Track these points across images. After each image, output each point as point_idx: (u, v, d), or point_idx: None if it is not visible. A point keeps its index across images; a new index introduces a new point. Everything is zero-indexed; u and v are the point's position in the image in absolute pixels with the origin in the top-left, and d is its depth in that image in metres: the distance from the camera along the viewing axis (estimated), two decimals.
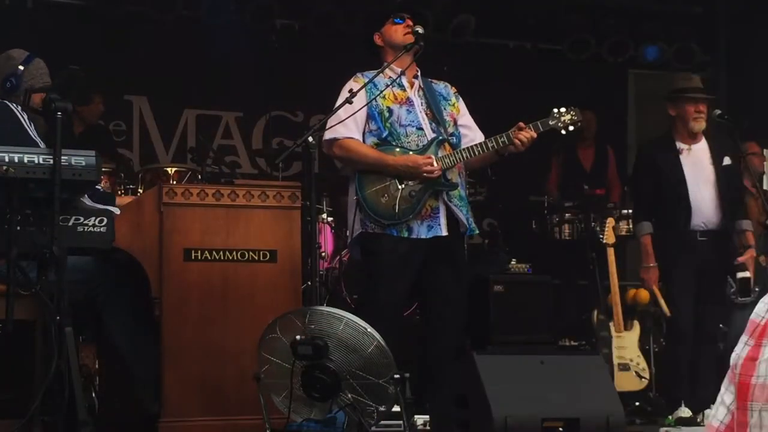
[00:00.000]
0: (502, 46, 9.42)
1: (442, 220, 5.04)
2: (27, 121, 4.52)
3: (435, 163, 4.95)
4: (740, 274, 5.92)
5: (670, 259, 5.89)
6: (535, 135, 5.00)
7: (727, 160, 5.96)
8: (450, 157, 5.03)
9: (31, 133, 4.48)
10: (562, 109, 5.09)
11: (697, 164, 5.94)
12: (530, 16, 9.26)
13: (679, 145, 5.96)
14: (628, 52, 9.50)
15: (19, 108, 4.56)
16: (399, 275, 4.98)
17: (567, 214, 7.90)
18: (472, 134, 5.26)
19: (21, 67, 4.62)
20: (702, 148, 5.98)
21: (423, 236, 4.99)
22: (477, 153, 5.04)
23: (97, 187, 4.40)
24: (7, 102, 4.57)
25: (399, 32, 5.10)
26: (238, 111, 8.84)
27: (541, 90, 8.87)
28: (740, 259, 5.93)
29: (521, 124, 5.01)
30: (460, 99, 5.31)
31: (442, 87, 5.29)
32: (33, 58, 4.67)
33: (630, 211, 7.39)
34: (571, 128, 5.10)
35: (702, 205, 5.85)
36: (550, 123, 5.08)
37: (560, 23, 9.37)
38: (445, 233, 5.03)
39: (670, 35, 9.54)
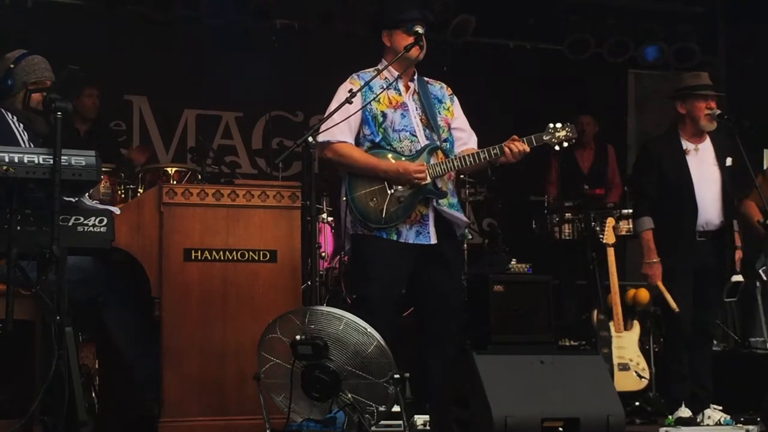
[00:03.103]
0: (502, 46, 9.43)
1: (431, 228, 5.05)
2: (21, 131, 4.53)
3: (426, 172, 4.96)
4: (734, 278, 5.94)
5: (670, 259, 5.88)
6: (528, 149, 5.02)
7: (729, 161, 5.96)
8: (442, 165, 5.05)
9: (22, 143, 4.49)
10: (558, 125, 5.10)
11: (703, 164, 5.91)
12: (530, 16, 9.26)
13: (686, 144, 5.94)
14: (628, 52, 9.51)
15: (15, 119, 4.57)
16: (389, 276, 5.00)
17: (567, 214, 7.89)
18: (465, 137, 5.27)
19: (12, 66, 4.63)
20: (707, 147, 5.96)
21: (411, 241, 5.02)
22: (469, 163, 5.06)
23: (93, 202, 4.42)
24: (3, 110, 4.58)
25: (407, 43, 5.08)
26: (238, 111, 8.84)
27: (541, 90, 8.89)
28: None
29: (515, 137, 5.02)
30: (455, 100, 5.31)
31: (437, 88, 5.29)
32: (26, 56, 4.68)
33: (630, 210, 7.39)
34: (565, 144, 5.11)
35: (705, 205, 5.84)
36: (544, 138, 5.09)
37: (560, 23, 9.38)
38: (433, 241, 5.05)
39: (670, 35, 9.55)
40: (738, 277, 5.93)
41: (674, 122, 6.03)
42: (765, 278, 6.93)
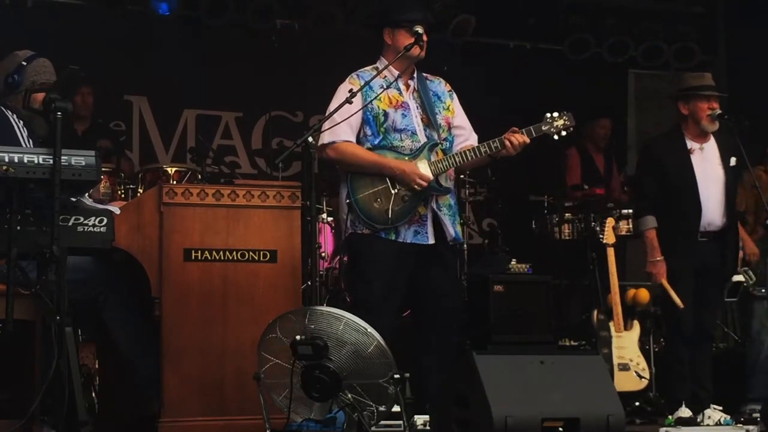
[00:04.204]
0: (502, 46, 9.43)
1: (429, 228, 5.07)
2: (21, 128, 4.54)
3: (426, 180, 4.97)
4: (735, 278, 5.93)
5: (672, 259, 5.88)
6: (528, 140, 5.03)
7: (733, 161, 5.95)
8: (443, 161, 5.05)
9: (22, 140, 4.49)
10: (555, 114, 5.10)
11: (707, 164, 5.90)
12: (530, 16, 9.26)
13: (690, 144, 5.93)
14: (628, 52, 9.51)
15: (15, 116, 4.58)
16: (389, 276, 5.01)
17: (567, 214, 7.89)
18: (466, 134, 5.27)
19: (24, 63, 4.64)
20: (711, 147, 5.96)
21: (408, 240, 5.03)
22: (470, 158, 5.07)
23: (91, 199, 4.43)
24: (2, 107, 4.59)
25: (408, 43, 5.07)
26: (238, 111, 8.84)
27: (541, 90, 8.89)
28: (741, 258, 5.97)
29: (514, 128, 5.03)
30: (455, 97, 5.31)
31: (436, 84, 5.29)
32: (37, 57, 4.70)
33: (630, 211, 7.39)
34: (563, 133, 5.12)
35: (709, 206, 5.84)
36: (543, 128, 5.09)
37: (560, 23, 9.37)
38: (431, 241, 5.07)
39: (670, 35, 9.55)
40: (739, 277, 5.94)
41: (677, 122, 6.03)
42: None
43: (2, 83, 4.65)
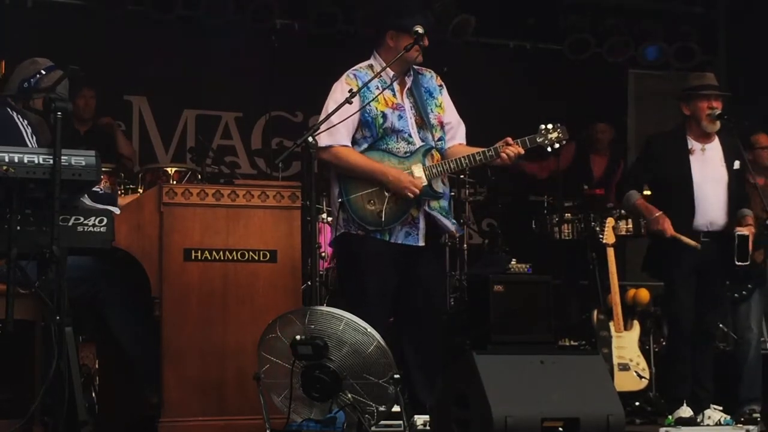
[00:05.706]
0: (502, 46, 9.43)
1: (420, 231, 5.08)
2: (26, 127, 4.55)
3: (418, 187, 4.97)
4: (738, 231, 5.81)
5: (672, 258, 5.88)
6: (522, 151, 5.06)
7: (737, 164, 5.94)
8: (437, 167, 5.06)
9: (27, 139, 4.50)
10: (549, 126, 5.12)
11: (709, 164, 5.91)
12: (530, 16, 9.26)
13: (692, 143, 5.94)
14: (628, 52, 9.52)
15: (19, 116, 4.58)
16: (386, 276, 5.02)
17: (567, 214, 7.89)
18: (454, 130, 5.28)
19: (43, 72, 4.65)
20: (714, 148, 5.96)
21: (400, 241, 5.05)
22: (464, 165, 5.10)
23: (97, 189, 4.42)
24: (9, 110, 4.60)
25: (412, 48, 5.07)
26: (237, 111, 8.84)
27: (541, 90, 8.89)
28: (739, 228, 5.88)
29: (509, 139, 5.04)
30: (444, 91, 5.29)
31: (428, 78, 5.27)
32: (56, 68, 4.71)
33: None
34: (557, 146, 5.13)
35: (708, 205, 5.83)
36: (537, 140, 5.11)
37: (560, 23, 9.38)
38: (421, 243, 5.08)
39: (670, 35, 9.55)
40: (742, 231, 5.80)
41: (681, 122, 6.04)
42: None
43: (17, 86, 4.67)
